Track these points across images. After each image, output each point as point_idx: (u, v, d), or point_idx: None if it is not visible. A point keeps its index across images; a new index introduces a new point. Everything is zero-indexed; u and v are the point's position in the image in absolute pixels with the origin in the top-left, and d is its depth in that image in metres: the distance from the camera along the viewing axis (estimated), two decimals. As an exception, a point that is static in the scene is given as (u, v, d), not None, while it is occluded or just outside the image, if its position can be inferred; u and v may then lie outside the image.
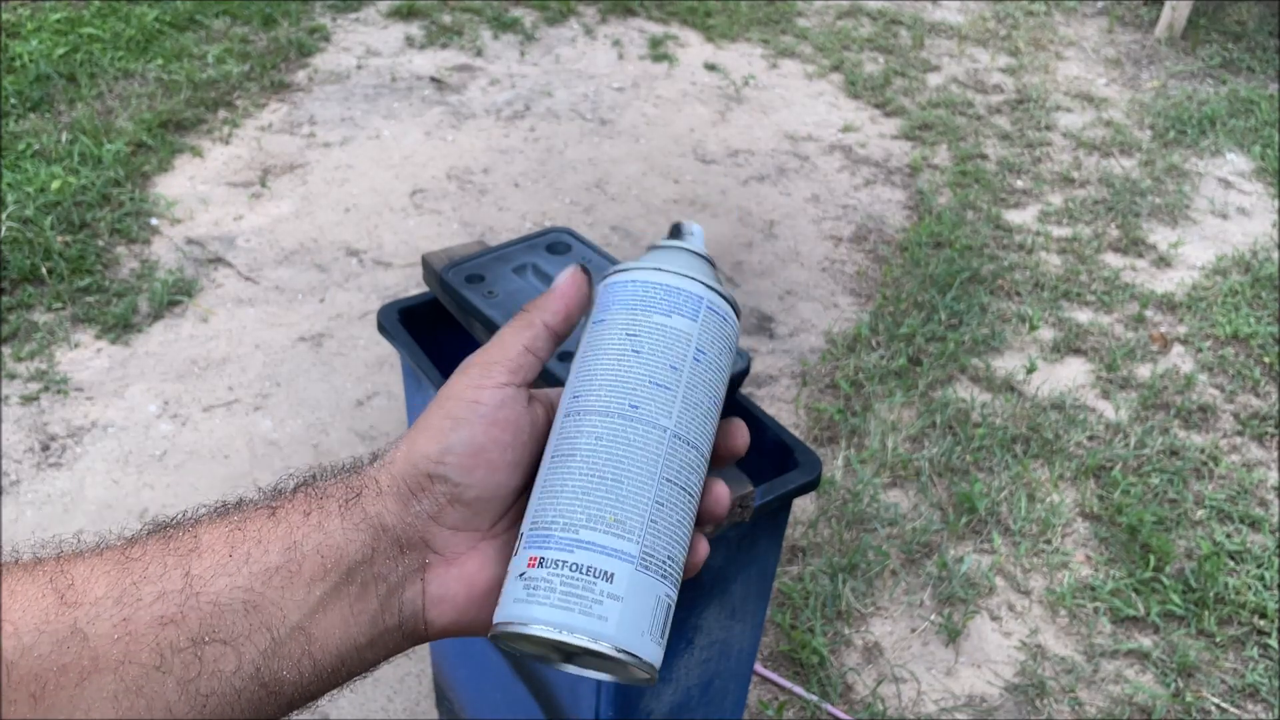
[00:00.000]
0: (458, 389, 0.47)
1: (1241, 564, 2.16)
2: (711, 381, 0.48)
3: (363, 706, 1.79)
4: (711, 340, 0.48)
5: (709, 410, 0.48)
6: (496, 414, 0.46)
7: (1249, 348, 2.81)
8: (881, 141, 3.79)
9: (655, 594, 0.44)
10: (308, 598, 0.43)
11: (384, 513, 0.45)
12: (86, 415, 2.32)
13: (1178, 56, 4.62)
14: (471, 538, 0.47)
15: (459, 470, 0.45)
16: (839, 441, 2.40)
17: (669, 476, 0.46)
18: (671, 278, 0.49)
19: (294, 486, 0.46)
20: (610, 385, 0.47)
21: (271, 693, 0.42)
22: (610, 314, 0.49)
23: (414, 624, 0.46)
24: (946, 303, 2.86)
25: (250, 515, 0.44)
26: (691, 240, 0.52)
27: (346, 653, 0.44)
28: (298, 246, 2.93)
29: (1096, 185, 3.58)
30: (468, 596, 0.46)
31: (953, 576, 2.08)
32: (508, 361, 0.48)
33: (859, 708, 1.85)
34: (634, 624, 0.43)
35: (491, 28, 4.29)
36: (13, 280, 2.65)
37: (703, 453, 0.48)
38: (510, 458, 0.47)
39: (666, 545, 0.45)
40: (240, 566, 0.42)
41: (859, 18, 4.80)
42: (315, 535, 0.43)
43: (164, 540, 0.42)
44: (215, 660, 0.40)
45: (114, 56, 3.69)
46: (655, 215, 3.20)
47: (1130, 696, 1.90)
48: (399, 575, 0.45)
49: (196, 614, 0.40)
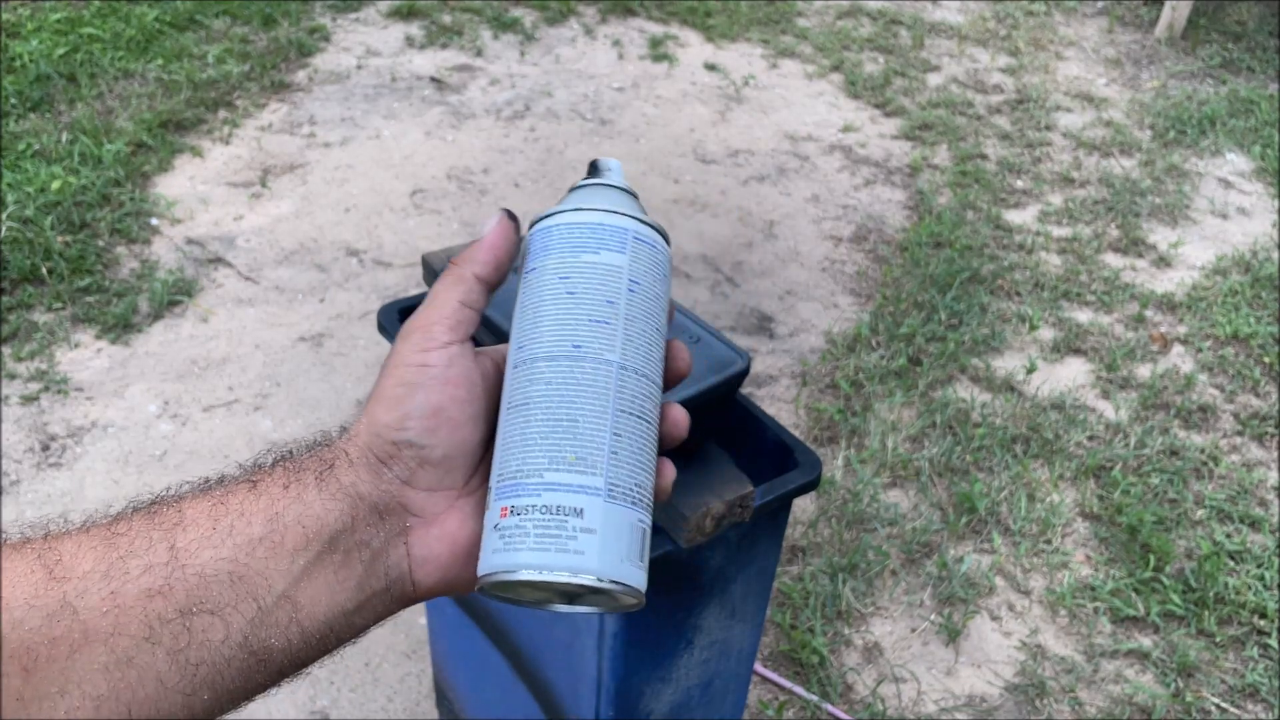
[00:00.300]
0: (404, 355, 0.47)
1: (1241, 564, 2.16)
2: (650, 310, 0.49)
3: (363, 706, 1.79)
4: (644, 270, 0.49)
5: (652, 338, 0.49)
6: (448, 373, 0.47)
7: (1249, 348, 2.81)
8: (881, 141, 3.79)
9: (628, 521, 0.45)
10: (292, 567, 0.43)
11: (358, 482, 0.46)
12: (86, 415, 2.32)
13: (1178, 56, 4.62)
14: (448, 496, 0.48)
15: (422, 433, 0.46)
16: (839, 441, 2.40)
17: (623, 407, 0.46)
18: (595, 215, 0.49)
19: (272, 461, 0.47)
20: (551, 329, 0.47)
21: (261, 660, 0.43)
22: (541, 260, 0.49)
23: (401, 586, 0.47)
24: (946, 303, 2.86)
25: (232, 489, 0.45)
26: (610, 175, 0.52)
27: (334, 619, 0.45)
28: (298, 246, 2.93)
29: (1096, 185, 3.58)
30: (451, 554, 0.47)
31: (953, 576, 2.08)
32: (445, 320, 0.48)
33: (859, 708, 1.85)
34: (612, 552, 0.44)
35: (491, 28, 4.29)
36: (13, 280, 2.65)
37: (653, 379, 0.48)
38: (470, 411, 0.48)
39: (631, 473, 0.46)
40: (224, 539, 0.43)
41: (859, 18, 4.80)
42: (295, 507, 0.44)
43: (149, 516, 0.43)
44: (203, 630, 0.41)
45: (114, 56, 3.69)
46: (655, 215, 3.20)
47: (1130, 696, 1.90)
48: (381, 540, 0.46)
49: (183, 585, 0.41)
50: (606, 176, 0.52)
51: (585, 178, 0.53)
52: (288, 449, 0.48)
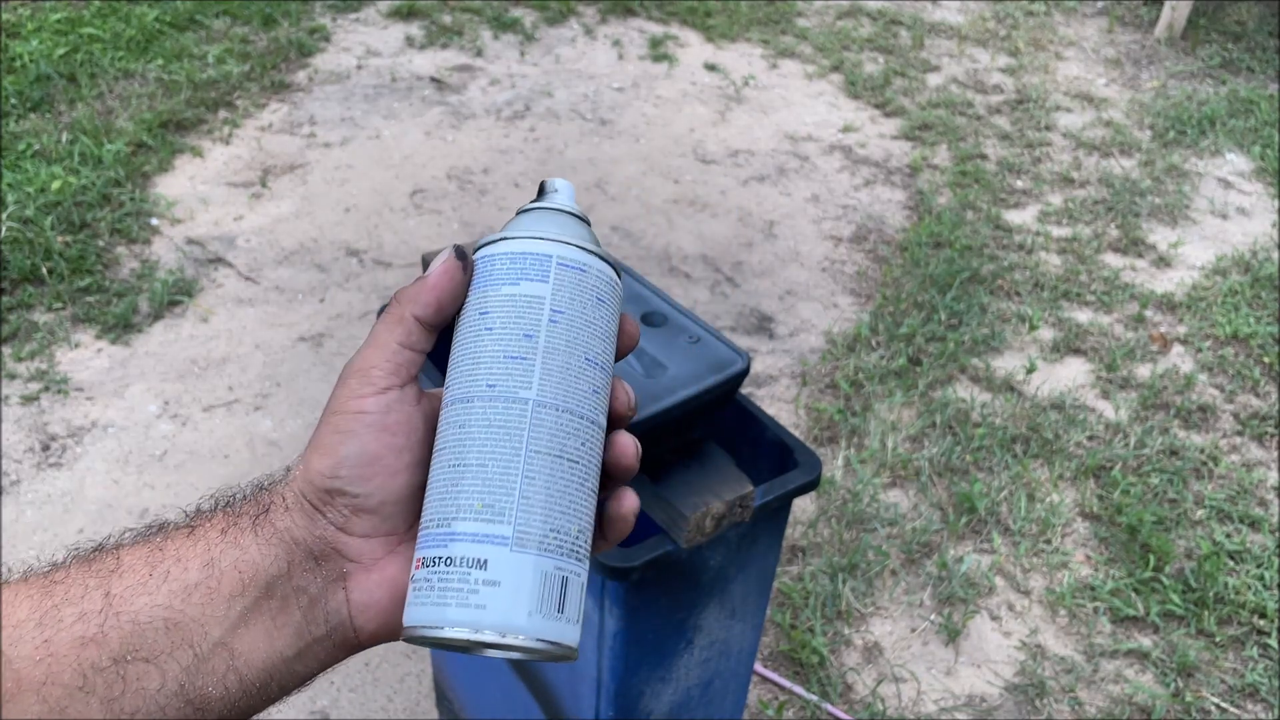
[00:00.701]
0: (341, 401, 0.46)
1: (1241, 564, 2.16)
2: (577, 340, 0.46)
3: (363, 706, 1.79)
4: (569, 297, 0.46)
5: (580, 369, 0.46)
6: (385, 420, 0.46)
7: (1249, 348, 2.81)
8: (881, 141, 3.79)
9: (539, 570, 0.43)
10: (228, 613, 0.43)
11: (293, 527, 0.45)
12: (86, 415, 2.32)
13: (1178, 56, 4.62)
14: (388, 542, 0.46)
15: (354, 481, 0.45)
16: (839, 441, 2.40)
17: (538, 448, 0.44)
18: (516, 244, 0.47)
19: (212, 506, 0.46)
20: (467, 370, 0.46)
21: (198, 710, 0.42)
22: (469, 295, 0.47)
23: (343, 632, 0.46)
24: (946, 303, 2.86)
25: (170, 535, 0.44)
26: (554, 198, 0.50)
27: (273, 666, 0.44)
28: (298, 246, 2.93)
29: (1096, 185, 3.58)
30: (392, 599, 0.46)
31: (953, 576, 2.08)
32: (385, 364, 0.46)
33: (859, 707, 1.85)
34: (515, 605, 0.42)
35: (491, 28, 4.29)
36: (13, 280, 2.65)
37: (580, 414, 0.46)
38: (408, 459, 0.46)
39: (546, 518, 0.44)
40: (160, 585, 0.42)
41: (859, 18, 4.80)
42: (232, 552, 0.44)
43: (87, 563, 0.43)
44: (138, 679, 0.40)
45: (114, 56, 3.69)
46: (655, 215, 3.20)
47: (1130, 696, 1.90)
48: (319, 586, 0.45)
49: (117, 633, 0.40)
50: (550, 199, 0.50)
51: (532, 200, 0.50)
52: (229, 494, 0.47)
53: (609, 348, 0.48)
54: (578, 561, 0.45)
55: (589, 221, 0.51)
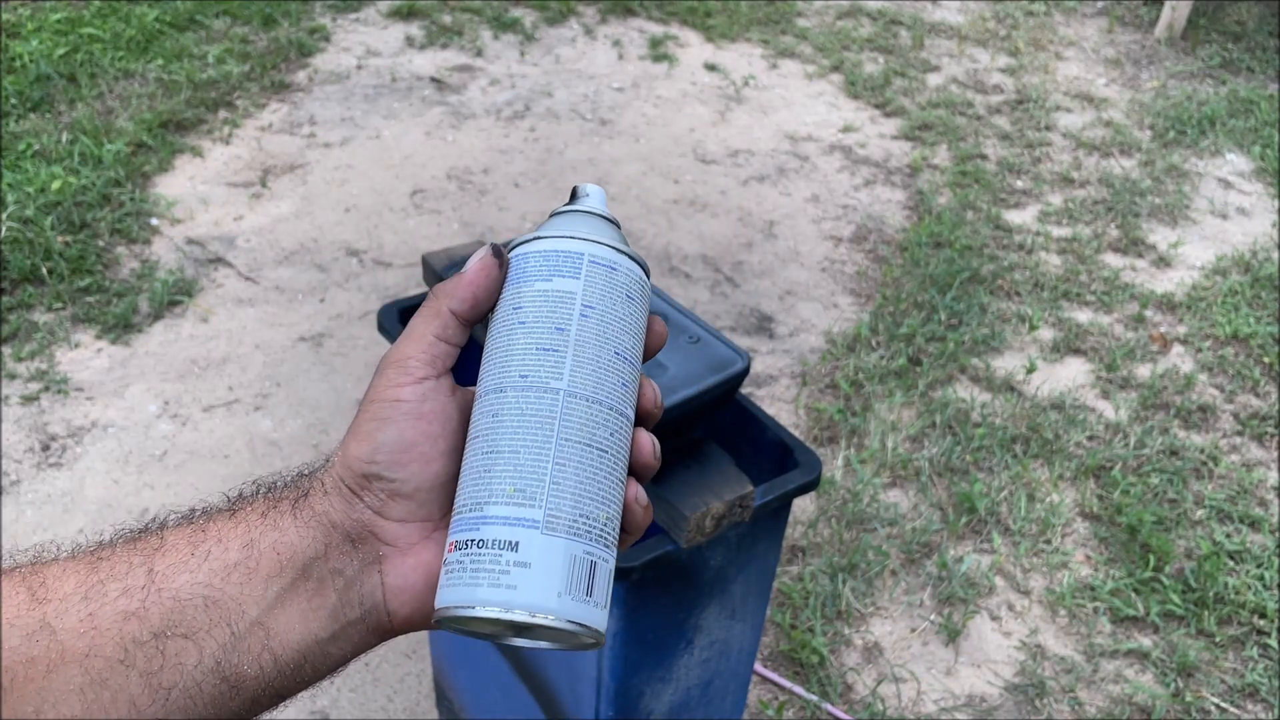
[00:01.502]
0: (379, 390, 0.48)
1: (1241, 564, 2.16)
2: (607, 335, 0.48)
3: (363, 706, 1.79)
4: (600, 294, 0.48)
5: (610, 362, 0.48)
6: (421, 408, 0.47)
7: (1249, 348, 2.81)
8: (881, 141, 3.79)
9: (569, 554, 0.44)
10: (265, 593, 0.44)
11: (331, 510, 0.46)
12: (87, 415, 2.32)
13: (1177, 57, 4.62)
14: (423, 528, 0.48)
15: (391, 467, 0.46)
16: (839, 441, 2.40)
17: (568, 436, 0.46)
18: (549, 242, 0.49)
19: (254, 491, 0.48)
20: (501, 361, 0.47)
21: (233, 687, 0.43)
22: (503, 292, 0.49)
23: (377, 616, 0.47)
24: (946, 303, 2.86)
25: (213, 517, 0.46)
26: (586, 201, 0.52)
27: (308, 648, 0.45)
28: (298, 246, 2.93)
29: (1096, 185, 3.58)
30: (426, 584, 0.47)
31: (953, 576, 2.08)
32: (421, 355, 0.48)
33: (859, 707, 1.85)
34: (546, 587, 0.44)
35: (491, 28, 4.29)
36: (13, 280, 2.65)
37: (610, 405, 0.47)
38: (443, 447, 0.48)
39: (576, 503, 0.45)
40: (201, 563, 0.43)
41: (859, 18, 4.80)
42: (271, 533, 0.45)
43: (132, 542, 0.44)
44: (177, 654, 0.42)
45: (114, 56, 3.69)
46: (655, 215, 3.20)
47: (1130, 696, 1.90)
48: (354, 569, 0.46)
49: (158, 608, 0.42)
50: (582, 203, 0.52)
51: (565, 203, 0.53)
52: (271, 480, 0.49)
53: (637, 344, 0.50)
54: (606, 548, 0.46)
55: (619, 224, 0.53)
